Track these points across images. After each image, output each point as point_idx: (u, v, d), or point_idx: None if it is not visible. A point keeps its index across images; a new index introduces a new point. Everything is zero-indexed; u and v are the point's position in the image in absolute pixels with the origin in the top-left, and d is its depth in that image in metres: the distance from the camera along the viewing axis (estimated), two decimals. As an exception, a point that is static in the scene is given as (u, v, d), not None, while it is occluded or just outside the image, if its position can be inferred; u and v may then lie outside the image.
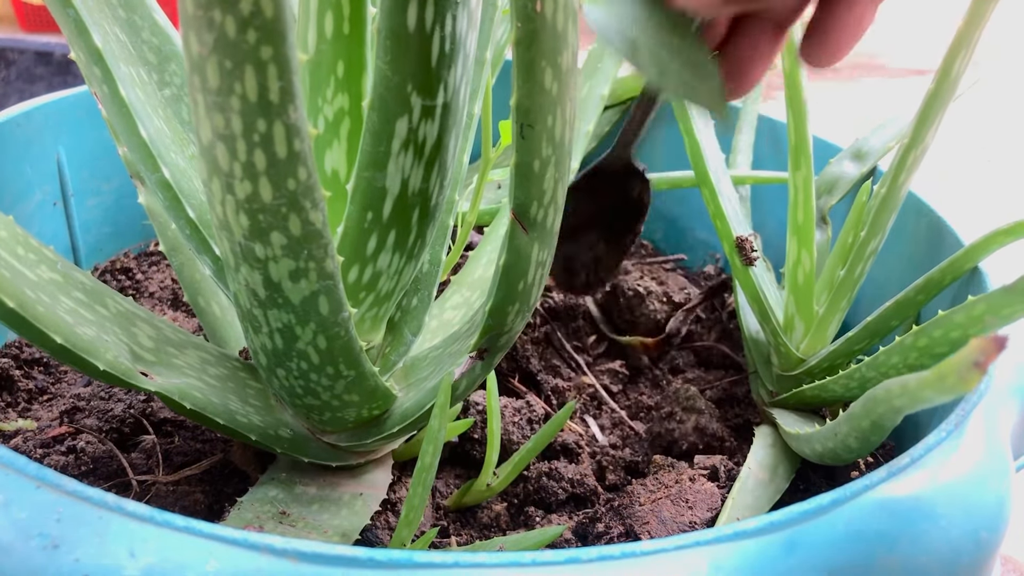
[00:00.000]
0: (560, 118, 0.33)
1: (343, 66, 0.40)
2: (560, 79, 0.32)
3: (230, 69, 0.27)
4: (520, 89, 0.31)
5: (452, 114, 0.37)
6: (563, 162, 0.35)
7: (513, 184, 0.34)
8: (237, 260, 0.34)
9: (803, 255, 0.58)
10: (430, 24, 0.33)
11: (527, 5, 0.29)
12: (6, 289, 0.33)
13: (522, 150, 0.33)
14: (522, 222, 0.35)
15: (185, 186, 0.42)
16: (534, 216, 0.35)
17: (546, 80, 0.31)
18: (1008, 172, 1.44)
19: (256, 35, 0.26)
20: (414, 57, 0.33)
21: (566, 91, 0.33)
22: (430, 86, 0.35)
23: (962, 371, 0.26)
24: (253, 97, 0.27)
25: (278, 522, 0.40)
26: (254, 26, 0.26)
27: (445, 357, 0.45)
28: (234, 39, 0.26)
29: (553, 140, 0.33)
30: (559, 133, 0.33)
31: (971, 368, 0.26)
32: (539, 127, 0.32)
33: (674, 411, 0.57)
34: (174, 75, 0.46)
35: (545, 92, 0.32)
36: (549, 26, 0.30)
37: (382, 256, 0.40)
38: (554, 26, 0.30)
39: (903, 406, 0.35)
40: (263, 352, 0.39)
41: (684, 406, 0.57)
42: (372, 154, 0.36)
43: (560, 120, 0.33)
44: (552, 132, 0.33)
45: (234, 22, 0.25)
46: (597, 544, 0.46)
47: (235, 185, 0.30)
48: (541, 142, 0.33)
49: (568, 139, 0.34)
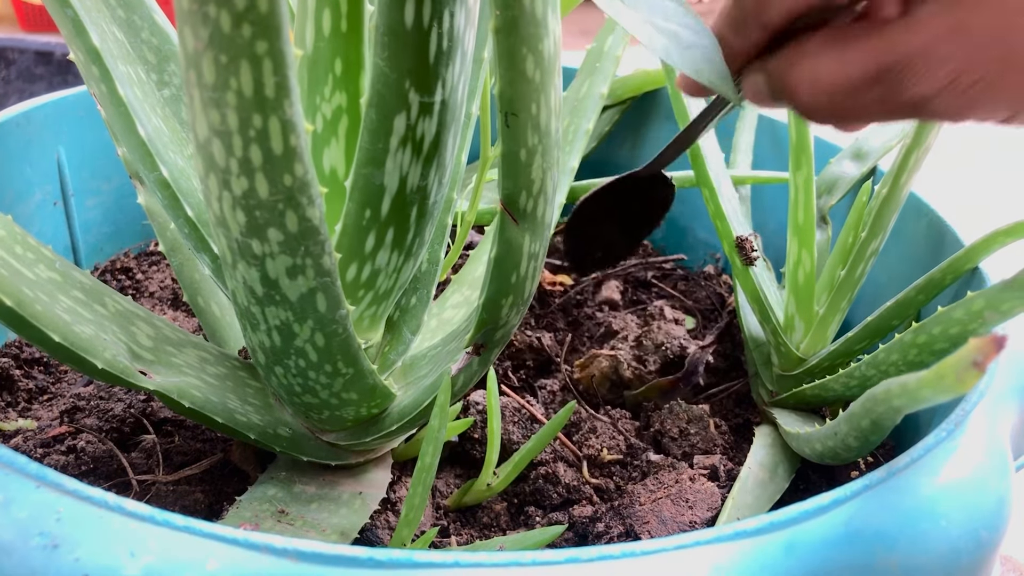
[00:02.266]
0: (544, 106, 0.33)
1: (341, 64, 0.40)
2: (542, 67, 0.32)
3: (225, 64, 0.27)
4: (503, 78, 0.31)
5: (450, 111, 0.37)
6: (551, 151, 0.35)
7: (500, 174, 0.34)
8: (234, 257, 0.34)
9: (804, 255, 0.58)
10: (427, 21, 0.33)
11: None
12: (4, 287, 0.33)
13: (507, 139, 0.33)
14: (511, 213, 0.35)
15: (184, 185, 0.42)
16: (523, 206, 0.35)
17: (528, 68, 0.31)
18: (1008, 172, 1.44)
19: (251, 30, 0.26)
20: (412, 54, 0.33)
21: (549, 79, 0.33)
22: (428, 83, 0.35)
23: (961, 371, 0.26)
24: (249, 92, 0.27)
25: (276, 520, 0.40)
26: (249, 21, 0.26)
27: (443, 355, 0.45)
28: (229, 34, 0.26)
29: (539, 129, 0.33)
30: (544, 121, 0.33)
31: (970, 368, 0.26)
32: (523, 116, 0.32)
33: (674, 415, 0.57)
34: (173, 75, 0.46)
35: (528, 80, 0.32)
36: (528, 13, 0.30)
37: (380, 254, 0.40)
38: (533, 13, 0.30)
39: (903, 406, 0.35)
40: (261, 350, 0.39)
41: (685, 418, 0.57)
42: (370, 151, 0.36)
43: (545, 108, 0.33)
44: (537, 120, 0.33)
45: (229, 17, 0.25)
46: (597, 544, 0.46)
47: (231, 181, 0.30)
48: (526, 131, 0.33)
49: (555, 128, 0.34)
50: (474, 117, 0.52)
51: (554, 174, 0.36)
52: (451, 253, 0.58)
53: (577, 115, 0.67)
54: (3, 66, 1.07)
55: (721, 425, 0.58)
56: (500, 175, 0.34)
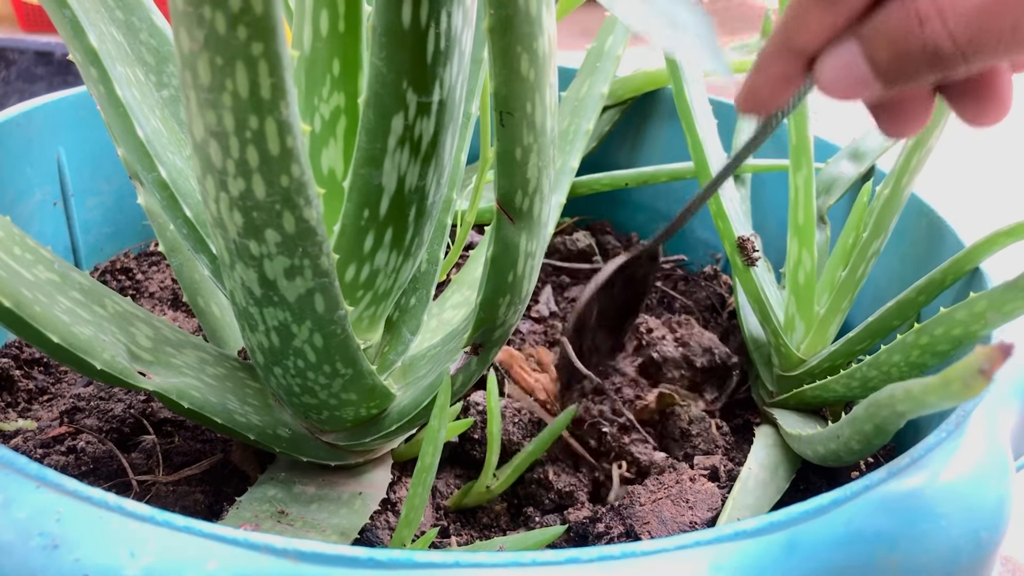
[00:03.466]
0: (540, 105, 0.33)
1: (339, 64, 0.40)
2: (537, 65, 0.32)
3: (221, 66, 0.27)
4: (497, 77, 0.31)
5: (448, 111, 0.37)
6: (546, 150, 0.35)
7: (497, 173, 0.34)
8: (232, 258, 0.34)
9: (804, 255, 0.58)
10: (425, 21, 0.33)
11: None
12: (3, 289, 0.33)
13: (503, 138, 0.33)
14: (508, 212, 0.35)
15: (182, 185, 0.42)
16: (519, 205, 0.35)
17: (522, 67, 0.31)
18: (1008, 172, 1.44)
19: (246, 31, 0.26)
20: (409, 54, 0.33)
21: (544, 78, 0.33)
22: (425, 83, 0.35)
23: (967, 378, 0.26)
24: (244, 94, 0.27)
25: (276, 521, 0.40)
26: (244, 22, 0.26)
27: (443, 355, 0.45)
28: (224, 35, 0.26)
29: (534, 127, 0.33)
30: (540, 120, 0.33)
31: (976, 375, 0.26)
32: (518, 114, 0.32)
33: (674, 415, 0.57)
34: (172, 76, 0.46)
35: (522, 79, 0.32)
36: (522, 12, 0.30)
37: (379, 254, 0.40)
38: (527, 11, 0.30)
39: (907, 411, 0.35)
40: (260, 350, 0.39)
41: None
42: (368, 151, 0.36)
43: (540, 107, 0.33)
44: (532, 119, 0.33)
45: (224, 18, 0.25)
46: (597, 544, 0.46)
47: (229, 182, 0.30)
48: (521, 129, 0.33)
49: (551, 127, 0.34)
50: (473, 117, 0.52)
51: (550, 172, 0.36)
52: (451, 253, 0.58)
53: (577, 115, 0.67)
54: (3, 66, 1.07)
55: (722, 426, 0.58)
56: (496, 174, 0.34)
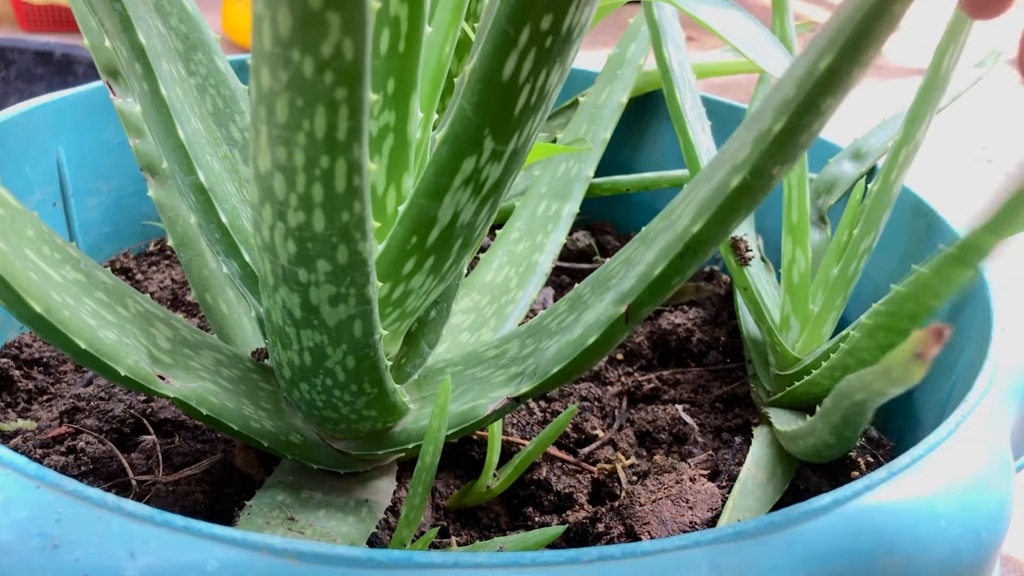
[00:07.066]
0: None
1: (393, 84, 0.39)
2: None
3: (301, 107, 0.26)
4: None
5: (518, 161, 0.37)
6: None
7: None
8: (277, 281, 0.33)
9: (798, 254, 0.58)
10: (524, 77, 0.32)
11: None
12: (33, 293, 0.33)
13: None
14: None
15: (218, 190, 0.42)
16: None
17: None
18: (1008, 172, 1.44)
19: (333, 77, 0.25)
20: (499, 104, 0.33)
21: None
22: (507, 134, 0.34)
23: (905, 363, 0.27)
24: (320, 135, 0.27)
25: (287, 529, 0.40)
26: (332, 68, 0.25)
27: (469, 381, 0.44)
28: (310, 79, 0.25)
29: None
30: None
31: (913, 360, 0.26)
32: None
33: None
34: (199, 64, 0.46)
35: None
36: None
37: (416, 277, 0.40)
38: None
39: (865, 399, 0.35)
40: (289, 366, 0.39)
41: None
42: (433, 184, 0.36)
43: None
44: None
45: (312, 63, 0.25)
46: (597, 544, 0.46)
47: (288, 214, 0.30)
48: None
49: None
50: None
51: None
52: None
53: (595, 123, 0.66)
54: (3, 66, 1.07)
55: (722, 426, 0.58)
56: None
